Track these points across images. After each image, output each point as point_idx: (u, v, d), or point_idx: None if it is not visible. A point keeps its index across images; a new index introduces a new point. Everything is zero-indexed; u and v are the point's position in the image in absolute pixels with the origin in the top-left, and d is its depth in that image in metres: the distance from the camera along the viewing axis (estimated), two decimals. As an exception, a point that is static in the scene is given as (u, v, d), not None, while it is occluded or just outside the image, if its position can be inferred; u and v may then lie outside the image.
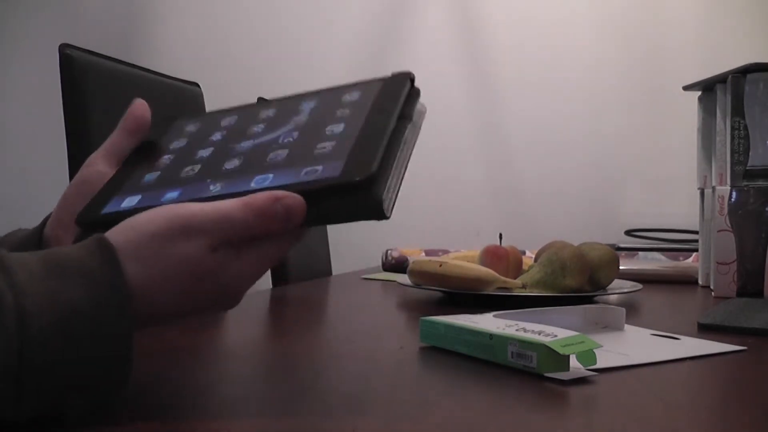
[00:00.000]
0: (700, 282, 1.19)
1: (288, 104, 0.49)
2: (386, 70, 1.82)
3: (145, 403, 0.42)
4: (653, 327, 0.69)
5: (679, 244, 1.55)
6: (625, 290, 0.94)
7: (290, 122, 0.47)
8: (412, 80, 0.47)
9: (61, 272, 0.37)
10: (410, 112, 0.45)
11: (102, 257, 0.38)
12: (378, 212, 0.39)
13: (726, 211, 1.04)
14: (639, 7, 1.87)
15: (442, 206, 1.94)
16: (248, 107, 0.51)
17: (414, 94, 0.47)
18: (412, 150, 0.44)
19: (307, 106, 0.48)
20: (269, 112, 0.49)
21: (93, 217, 0.44)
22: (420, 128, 0.46)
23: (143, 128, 0.49)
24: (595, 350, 0.48)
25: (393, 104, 0.44)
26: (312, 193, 0.40)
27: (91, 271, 0.37)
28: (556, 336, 0.49)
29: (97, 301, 0.36)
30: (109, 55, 1.08)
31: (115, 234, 0.40)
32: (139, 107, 0.49)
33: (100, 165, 0.48)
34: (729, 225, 1.04)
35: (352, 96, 0.47)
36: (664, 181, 1.83)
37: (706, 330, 0.70)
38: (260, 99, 0.56)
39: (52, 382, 0.35)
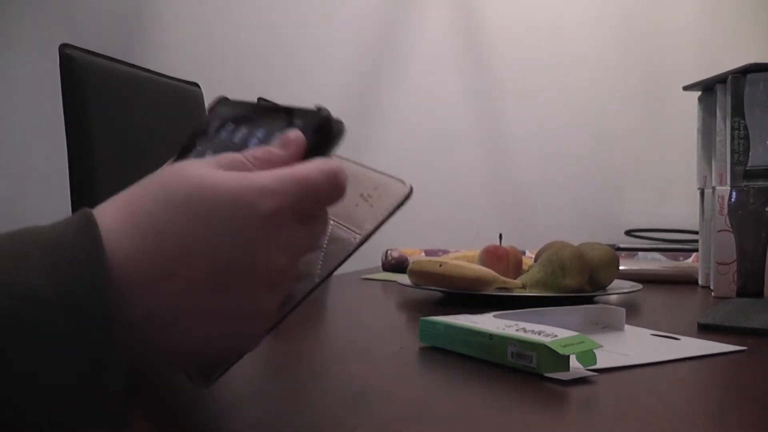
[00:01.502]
0: (700, 282, 1.19)
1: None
2: (386, 69, 1.82)
3: (144, 403, 0.42)
4: (653, 327, 0.69)
5: (679, 244, 1.55)
6: (625, 290, 0.94)
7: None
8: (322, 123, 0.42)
9: (20, 242, 0.28)
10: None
11: (79, 224, 0.29)
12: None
13: (726, 211, 1.04)
14: (639, 7, 1.87)
15: (442, 206, 1.93)
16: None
17: (334, 133, 0.43)
18: None
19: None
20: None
21: None
22: None
23: None
24: (595, 350, 0.48)
25: None
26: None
27: (60, 241, 0.28)
28: (556, 336, 0.49)
29: (61, 279, 0.27)
30: (109, 55, 1.08)
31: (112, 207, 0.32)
32: None
33: None
34: (729, 225, 1.04)
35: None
36: (664, 181, 1.83)
37: (706, 330, 0.69)
38: (260, 99, 0.53)
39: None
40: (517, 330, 0.52)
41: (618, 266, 0.98)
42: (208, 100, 1.34)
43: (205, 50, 2.08)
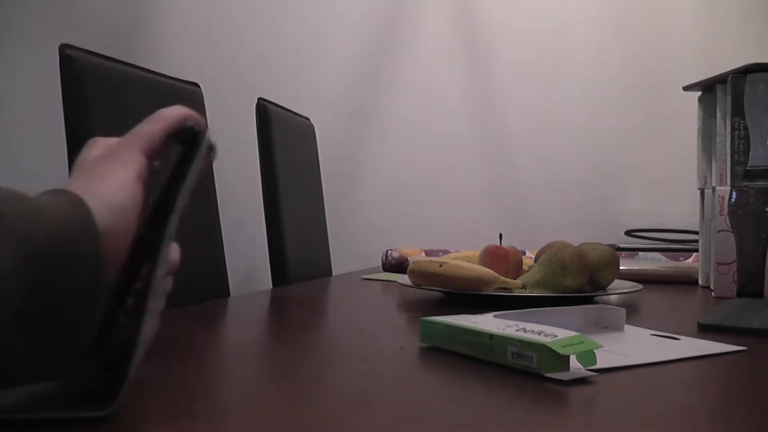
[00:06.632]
0: (700, 282, 1.19)
1: None
2: (387, 70, 1.80)
3: (145, 403, 0.42)
4: (653, 327, 0.69)
5: (679, 245, 1.55)
6: (625, 290, 0.94)
7: None
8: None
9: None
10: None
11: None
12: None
13: (726, 211, 1.04)
14: (639, 7, 1.87)
15: (442, 206, 1.94)
16: None
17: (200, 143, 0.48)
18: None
19: None
20: None
21: None
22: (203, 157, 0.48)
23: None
24: (595, 350, 0.48)
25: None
26: None
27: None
28: (556, 336, 0.49)
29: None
30: (109, 55, 1.08)
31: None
32: None
33: None
34: (729, 225, 1.04)
35: None
36: (664, 181, 1.83)
37: (706, 330, 0.70)
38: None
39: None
40: (517, 330, 0.52)
41: (618, 266, 0.98)
42: (208, 100, 1.34)
43: (205, 50, 2.08)
